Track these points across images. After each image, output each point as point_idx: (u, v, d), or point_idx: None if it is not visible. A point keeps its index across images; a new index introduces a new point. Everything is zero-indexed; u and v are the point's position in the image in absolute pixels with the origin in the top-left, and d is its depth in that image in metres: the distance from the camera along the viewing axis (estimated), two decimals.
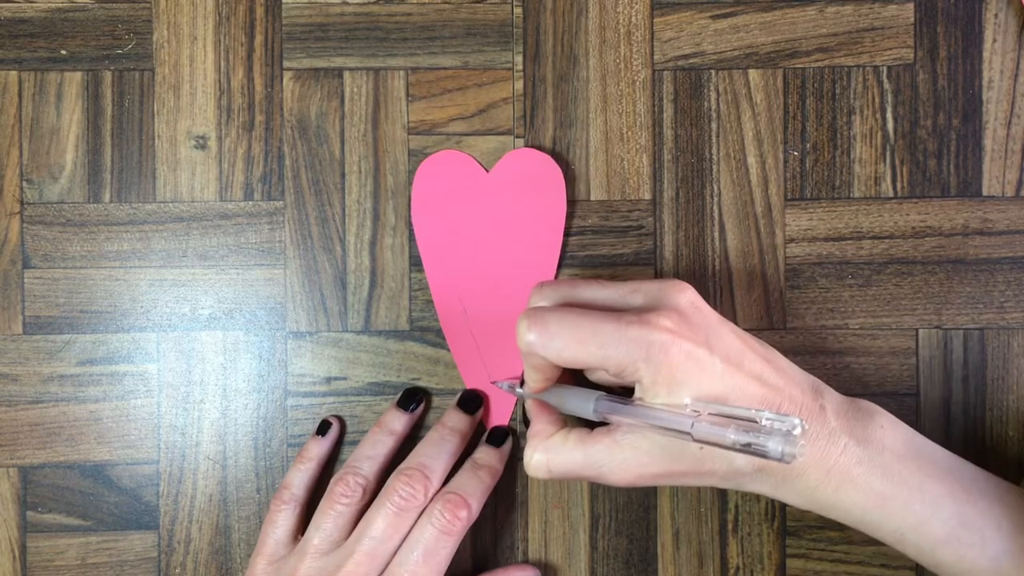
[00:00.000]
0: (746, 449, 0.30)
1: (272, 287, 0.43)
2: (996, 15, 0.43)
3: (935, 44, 0.43)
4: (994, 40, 0.43)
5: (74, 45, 0.43)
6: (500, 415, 0.43)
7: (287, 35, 0.43)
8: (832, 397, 0.36)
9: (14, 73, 0.43)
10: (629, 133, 0.43)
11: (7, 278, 0.43)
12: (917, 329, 0.43)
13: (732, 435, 0.30)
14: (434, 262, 0.43)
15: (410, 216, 0.43)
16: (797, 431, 0.30)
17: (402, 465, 0.39)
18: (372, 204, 0.43)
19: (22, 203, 0.43)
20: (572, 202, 0.43)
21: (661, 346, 0.33)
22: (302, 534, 0.40)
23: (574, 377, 0.40)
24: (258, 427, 0.43)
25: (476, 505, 0.39)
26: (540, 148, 0.43)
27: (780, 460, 0.29)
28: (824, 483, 0.34)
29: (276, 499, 0.41)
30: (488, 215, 0.42)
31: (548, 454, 0.36)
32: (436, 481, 0.39)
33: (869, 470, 0.34)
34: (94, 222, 0.43)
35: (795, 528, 0.43)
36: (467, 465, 0.40)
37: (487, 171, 0.43)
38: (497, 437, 0.42)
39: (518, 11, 0.43)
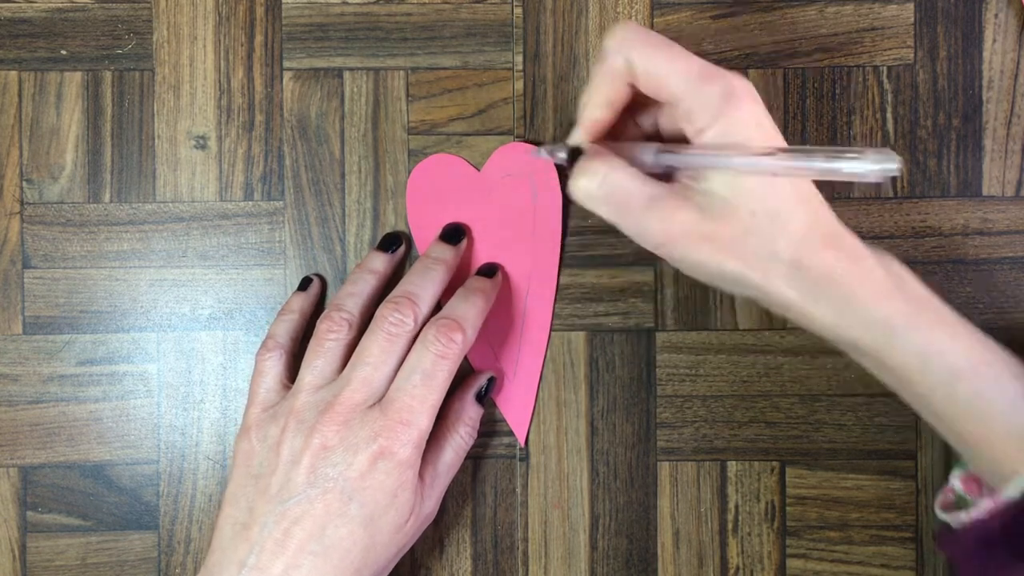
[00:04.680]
0: (837, 172, 0.29)
1: (272, 287, 0.43)
2: (996, 15, 0.43)
3: (935, 44, 0.43)
4: (994, 40, 0.43)
5: (74, 45, 0.43)
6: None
7: (287, 35, 0.43)
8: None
9: (14, 73, 0.43)
10: None
11: (7, 278, 0.43)
12: None
13: (820, 163, 0.29)
14: None
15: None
16: (894, 164, 0.28)
17: (389, 296, 0.39)
18: (372, 204, 0.43)
19: (22, 203, 0.43)
20: (574, 202, 0.43)
21: (739, 97, 0.33)
22: (292, 383, 0.39)
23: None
24: None
25: (470, 329, 0.38)
26: None
27: (880, 175, 0.28)
28: (858, 291, 0.34)
29: (261, 350, 0.40)
30: (484, 212, 0.42)
31: (610, 167, 0.35)
32: (424, 308, 0.38)
33: (898, 289, 0.34)
34: (94, 222, 0.43)
35: (795, 528, 0.43)
36: (459, 292, 0.40)
37: (478, 171, 0.43)
38: (488, 269, 0.42)
39: (518, 11, 0.43)
